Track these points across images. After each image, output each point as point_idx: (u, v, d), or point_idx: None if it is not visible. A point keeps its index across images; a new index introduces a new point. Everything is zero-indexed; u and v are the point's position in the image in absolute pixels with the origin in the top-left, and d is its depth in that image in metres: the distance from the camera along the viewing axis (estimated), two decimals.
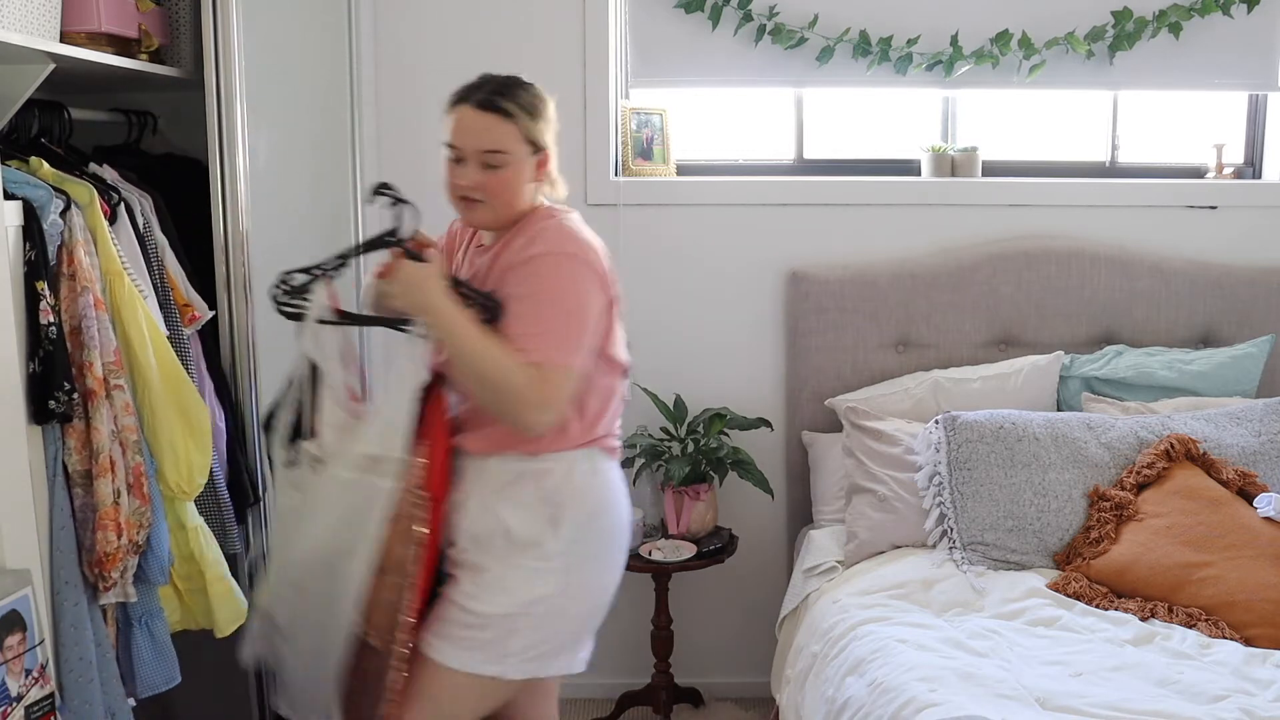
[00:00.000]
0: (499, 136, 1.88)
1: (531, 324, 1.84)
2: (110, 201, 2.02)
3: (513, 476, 1.92)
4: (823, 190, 3.10)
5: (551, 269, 1.87)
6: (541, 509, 1.91)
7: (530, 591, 1.90)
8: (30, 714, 1.68)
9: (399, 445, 1.84)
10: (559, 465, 1.93)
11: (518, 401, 1.81)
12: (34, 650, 1.69)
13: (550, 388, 1.82)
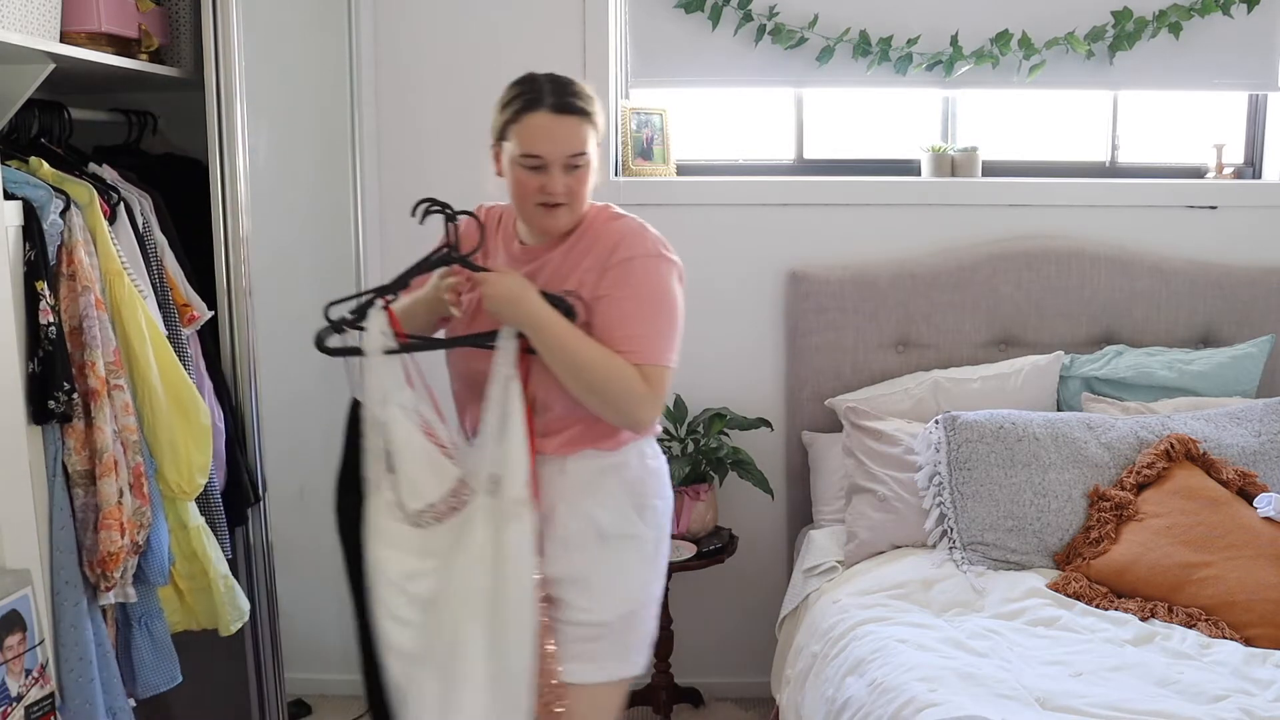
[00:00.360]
0: (583, 138, 1.85)
1: (636, 326, 1.83)
2: (110, 201, 2.01)
3: (595, 473, 1.91)
4: (823, 190, 3.10)
5: (651, 271, 1.87)
6: (628, 500, 1.93)
7: (638, 583, 1.94)
8: (30, 714, 1.68)
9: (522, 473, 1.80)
10: (632, 455, 1.94)
11: (632, 401, 1.80)
12: (34, 650, 1.69)
13: (658, 386, 1.82)
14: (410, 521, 1.82)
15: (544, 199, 1.85)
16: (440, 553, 1.81)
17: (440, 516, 1.83)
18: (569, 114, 1.84)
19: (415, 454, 1.82)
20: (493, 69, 3.02)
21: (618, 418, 1.84)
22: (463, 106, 3.05)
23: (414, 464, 1.82)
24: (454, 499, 1.83)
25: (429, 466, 1.83)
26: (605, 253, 1.88)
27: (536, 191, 1.85)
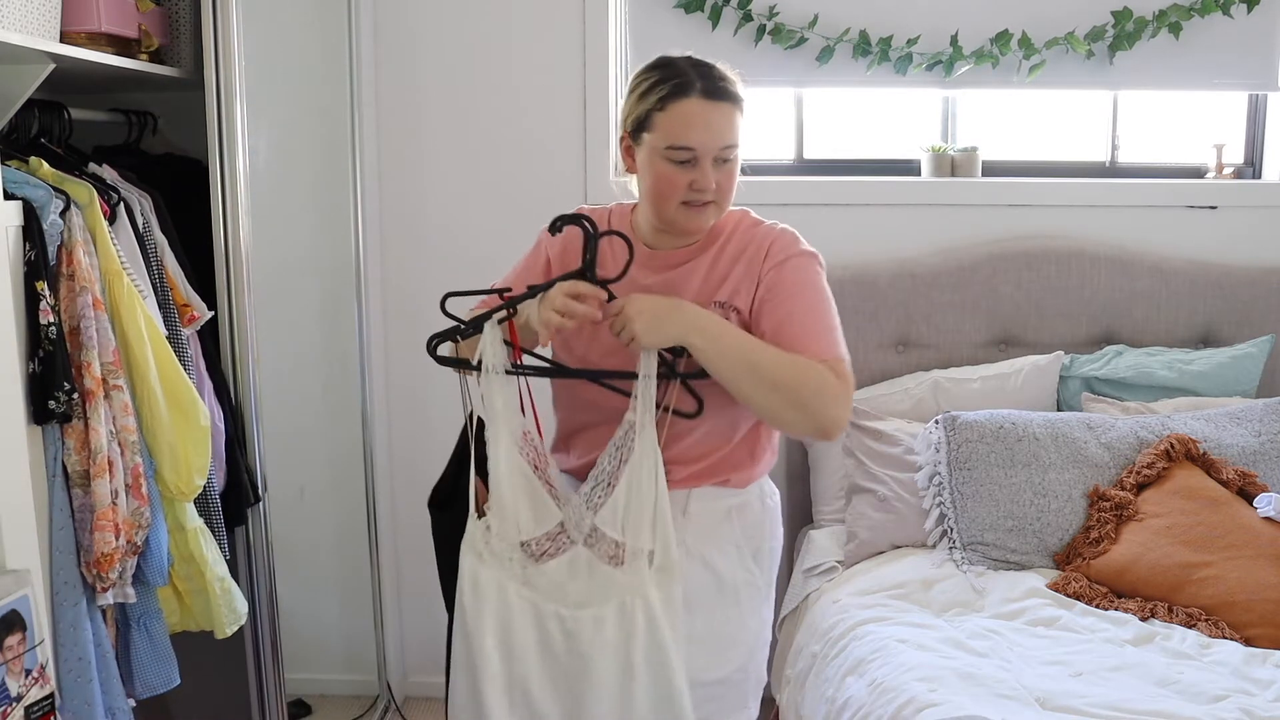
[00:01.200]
0: (736, 128, 1.70)
1: (812, 322, 1.69)
2: (110, 201, 2.01)
3: (719, 517, 1.81)
4: (823, 190, 3.10)
5: (807, 269, 1.75)
6: (746, 545, 1.84)
7: (753, 632, 1.87)
8: (30, 714, 1.68)
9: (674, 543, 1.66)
10: (752, 497, 1.85)
11: (827, 399, 1.63)
12: (34, 650, 1.69)
13: (848, 381, 1.66)
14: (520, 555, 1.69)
15: (693, 196, 1.70)
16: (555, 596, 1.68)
17: (537, 556, 1.69)
18: (722, 100, 1.67)
19: (518, 485, 1.68)
20: (493, 69, 3.04)
21: (809, 421, 1.65)
22: (463, 106, 3.05)
23: (514, 495, 1.68)
24: (551, 543, 1.70)
25: (530, 501, 1.69)
26: (759, 258, 1.76)
27: (685, 188, 1.69)
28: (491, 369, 1.65)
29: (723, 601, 1.81)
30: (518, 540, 1.69)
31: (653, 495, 1.65)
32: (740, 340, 1.65)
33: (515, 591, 1.68)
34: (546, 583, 1.69)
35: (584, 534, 1.68)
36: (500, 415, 1.67)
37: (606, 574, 1.67)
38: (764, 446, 1.87)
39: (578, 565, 1.69)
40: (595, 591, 1.67)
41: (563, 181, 3.07)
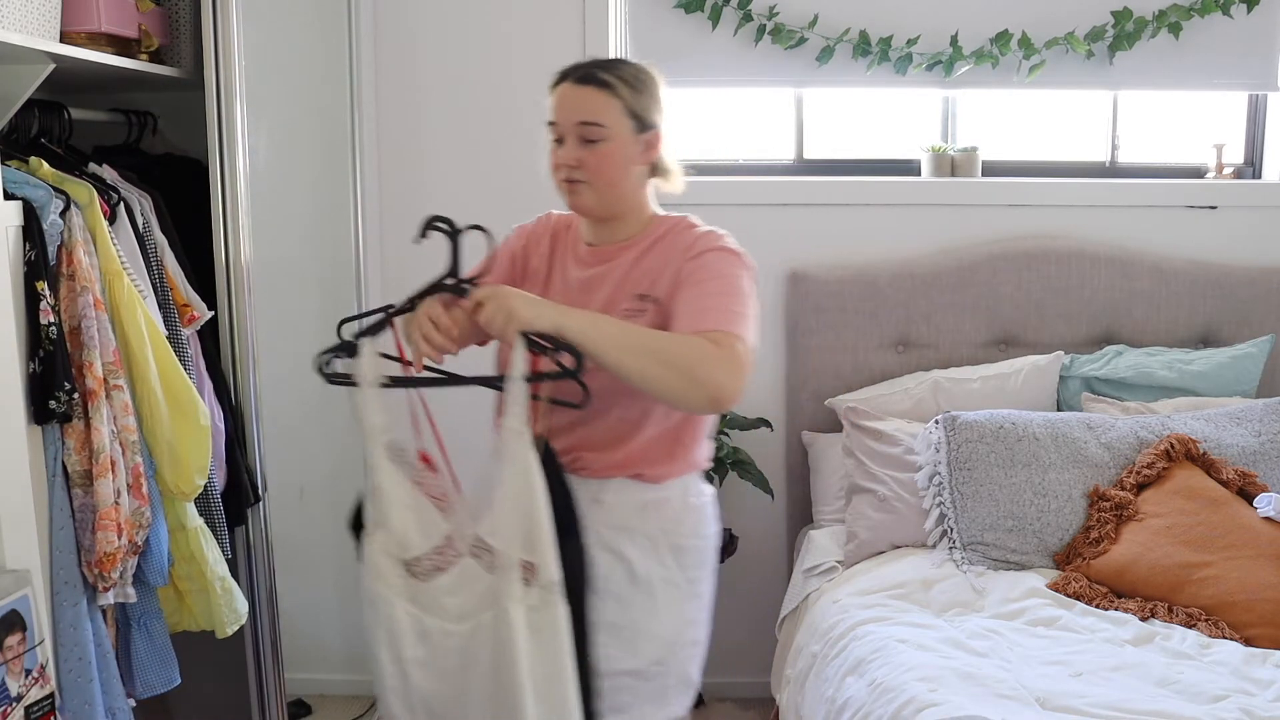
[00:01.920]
0: (596, 107, 1.75)
1: (712, 303, 1.71)
2: (110, 201, 2.01)
3: (632, 509, 1.81)
4: (823, 190, 3.10)
5: (723, 261, 1.79)
6: (663, 540, 1.82)
7: (672, 628, 1.84)
8: (30, 714, 1.68)
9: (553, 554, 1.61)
10: (674, 492, 1.84)
11: (705, 364, 1.61)
12: (34, 650, 1.69)
13: (731, 350, 1.65)
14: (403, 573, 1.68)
15: (561, 173, 1.78)
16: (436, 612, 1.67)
17: (426, 573, 1.67)
18: (587, 84, 1.76)
19: (402, 501, 1.67)
20: (493, 69, 3.04)
21: (696, 390, 1.62)
22: (463, 106, 3.05)
23: (400, 511, 1.67)
24: (439, 556, 1.67)
25: (415, 517, 1.68)
26: (680, 254, 1.80)
27: (556, 166, 1.79)
28: (366, 384, 1.65)
29: (636, 593, 1.81)
30: (401, 559, 1.67)
31: (528, 505, 1.61)
32: (615, 321, 1.68)
33: (403, 609, 1.68)
34: (430, 599, 1.68)
35: (469, 545, 1.66)
36: (376, 431, 1.66)
37: (487, 584, 1.64)
38: (686, 445, 1.84)
39: (465, 577, 1.66)
40: (474, 603, 1.65)
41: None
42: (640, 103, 1.79)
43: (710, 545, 1.91)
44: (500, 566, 1.62)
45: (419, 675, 1.68)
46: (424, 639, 1.68)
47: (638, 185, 1.84)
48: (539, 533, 1.60)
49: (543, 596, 1.61)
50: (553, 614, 1.62)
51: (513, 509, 1.61)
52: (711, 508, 1.93)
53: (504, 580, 1.61)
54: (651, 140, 1.81)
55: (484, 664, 1.64)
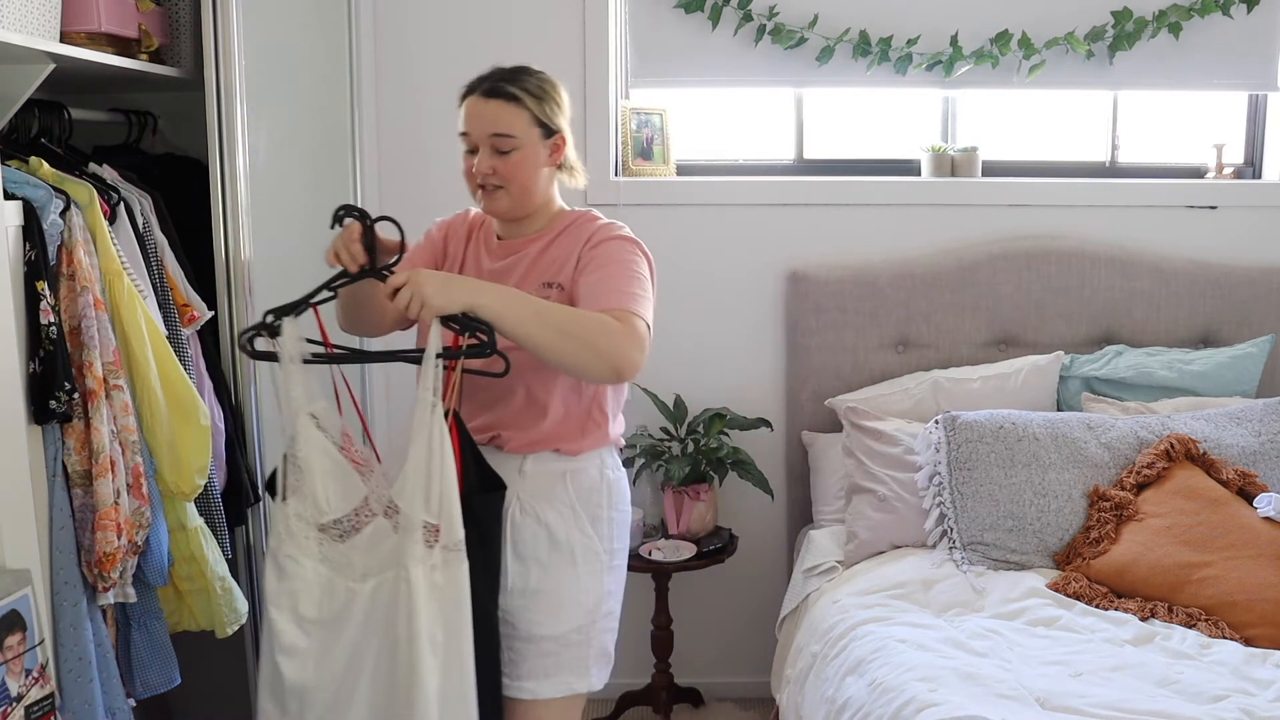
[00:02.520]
0: (507, 120, 1.90)
1: (610, 285, 1.83)
2: (110, 201, 2.01)
3: (553, 478, 1.92)
4: (823, 190, 3.10)
5: (621, 249, 1.90)
6: (582, 509, 1.93)
7: (593, 595, 1.94)
8: (30, 714, 1.68)
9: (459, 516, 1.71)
10: (591, 464, 1.95)
11: (609, 337, 1.74)
12: (34, 650, 1.69)
13: (632, 327, 1.78)
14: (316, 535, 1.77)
15: (477, 181, 1.93)
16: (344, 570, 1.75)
17: (344, 534, 1.77)
18: (494, 97, 1.91)
19: (324, 468, 1.77)
20: None
21: (601, 361, 1.73)
22: None
23: (321, 478, 1.77)
24: (356, 517, 1.77)
25: (337, 481, 1.77)
26: (582, 243, 1.92)
27: (470, 174, 1.94)
28: (288, 359, 1.77)
29: (558, 559, 1.91)
30: (317, 522, 1.77)
31: (437, 470, 1.71)
32: (525, 297, 1.78)
33: (312, 569, 1.76)
34: (340, 557, 1.77)
35: (384, 506, 1.76)
36: (299, 402, 1.77)
37: (391, 544, 1.74)
38: (597, 420, 1.95)
39: (375, 536, 1.76)
40: (379, 562, 1.74)
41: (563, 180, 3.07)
42: (545, 111, 1.93)
43: (626, 520, 2.02)
44: (405, 528, 1.72)
45: (320, 635, 1.76)
46: (330, 596, 1.76)
47: (546, 186, 1.99)
48: (444, 496, 1.71)
49: (444, 557, 1.71)
50: (454, 573, 1.71)
51: (419, 473, 1.71)
52: (626, 482, 2.04)
53: (408, 541, 1.71)
54: (558, 143, 1.97)
55: (382, 623, 1.72)
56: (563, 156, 1.99)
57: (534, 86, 1.93)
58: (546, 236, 1.97)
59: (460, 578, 1.72)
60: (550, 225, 1.99)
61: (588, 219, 1.99)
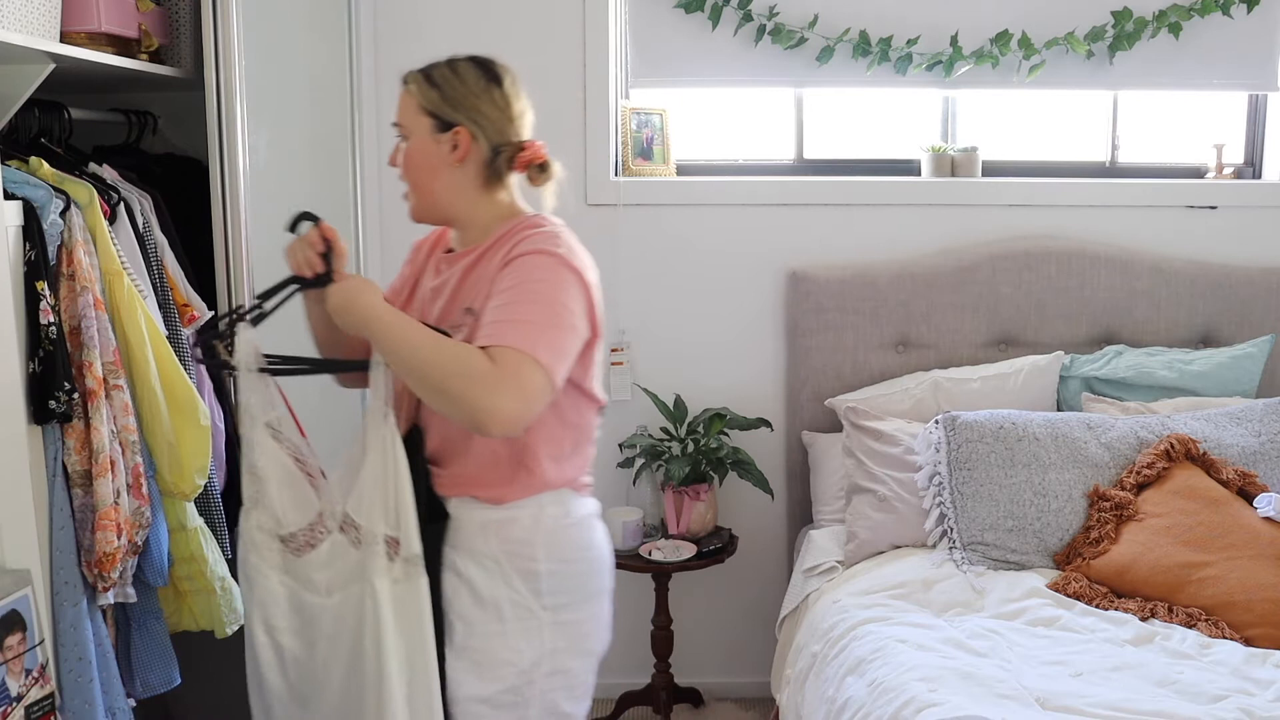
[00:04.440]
0: (399, 108, 1.78)
1: (502, 313, 1.61)
2: (110, 201, 2.01)
3: (473, 529, 1.72)
4: (823, 190, 3.10)
5: (535, 266, 1.65)
6: (509, 563, 1.72)
7: (528, 654, 1.73)
8: (30, 714, 1.68)
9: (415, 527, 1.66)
10: (524, 513, 1.73)
11: (470, 382, 1.54)
12: (34, 650, 1.69)
13: (509, 370, 1.55)
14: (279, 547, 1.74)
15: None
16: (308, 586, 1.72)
17: (299, 548, 1.72)
18: (402, 85, 1.79)
19: (280, 479, 1.72)
20: None
21: (456, 408, 1.56)
22: None
23: (278, 489, 1.72)
24: (311, 533, 1.72)
25: (292, 494, 1.72)
26: (500, 260, 1.70)
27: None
28: (245, 368, 1.73)
29: (483, 616, 1.72)
30: (277, 534, 1.73)
31: (391, 481, 1.66)
32: (405, 330, 1.62)
33: (278, 580, 1.73)
34: (302, 573, 1.73)
35: (338, 521, 1.70)
36: (256, 411, 1.73)
37: (355, 559, 1.69)
38: (529, 465, 1.72)
39: (334, 552, 1.71)
40: (343, 577, 1.70)
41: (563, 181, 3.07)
42: (435, 99, 1.74)
43: (580, 567, 1.78)
44: (366, 542, 1.67)
45: (291, 643, 1.73)
46: (297, 611, 1.73)
47: (460, 189, 1.76)
48: (401, 509, 1.66)
49: (405, 569, 1.66)
50: (415, 586, 1.66)
51: (375, 486, 1.66)
52: (584, 528, 1.79)
53: (370, 555, 1.66)
54: (458, 140, 1.73)
55: (350, 637, 1.68)
56: (467, 156, 1.74)
57: (437, 74, 1.75)
58: (477, 251, 1.76)
59: (421, 590, 1.66)
60: (487, 238, 1.76)
61: (520, 229, 1.73)
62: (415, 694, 1.67)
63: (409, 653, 1.66)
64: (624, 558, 2.87)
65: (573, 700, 1.81)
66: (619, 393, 3.12)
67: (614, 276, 3.10)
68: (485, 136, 1.74)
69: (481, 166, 1.75)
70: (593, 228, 3.08)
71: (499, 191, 1.78)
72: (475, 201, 1.77)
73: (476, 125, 1.74)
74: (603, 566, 1.83)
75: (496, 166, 1.76)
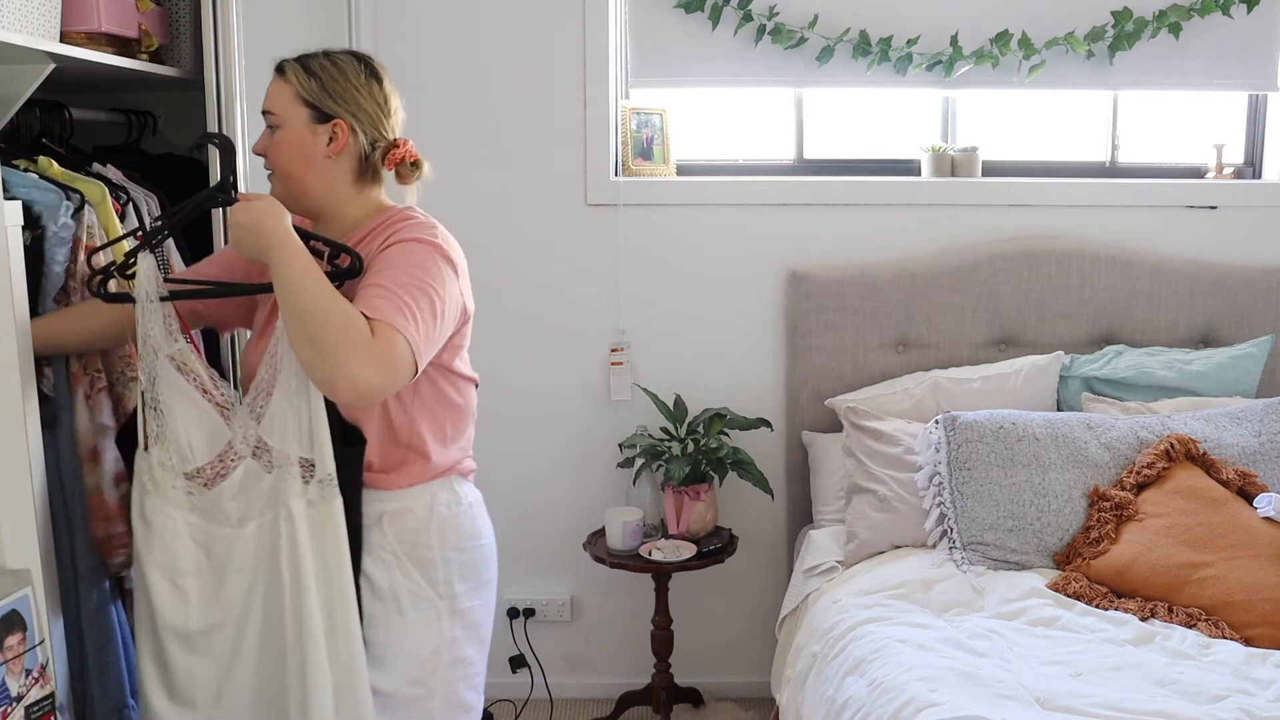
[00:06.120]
0: (272, 95, 1.75)
1: (384, 290, 1.61)
2: (120, 201, 2.03)
3: (370, 520, 1.74)
4: (823, 190, 3.10)
5: (411, 252, 1.67)
6: (405, 554, 1.75)
7: (428, 644, 1.76)
8: (30, 714, 1.68)
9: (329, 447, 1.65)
10: (418, 502, 1.76)
11: (345, 345, 1.52)
12: (34, 650, 1.69)
13: (385, 345, 1.55)
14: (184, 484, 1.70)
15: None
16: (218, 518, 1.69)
17: (209, 480, 1.70)
18: (276, 73, 1.76)
19: (186, 412, 1.69)
20: (493, 69, 3.04)
21: (322, 364, 1.53)
22: (463, 107, 3.06)
23: (184, 422, 1.69)
24: (222, 463, 1.70)
25: (200, 427, 1.69)
26: (381, 243, 1.72)
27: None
28: (145, 298, 1.69)
29: (383, 610, 1.74)
30: (182, 470, 1.70)
31: (304, 403, 1.65)
32: (310, 266, 1.60)
33: (183, 519, 1.70)
34: (212, 506, 1.70)
35: (251, 446, 1.69)
36: (158, 343, 1.69)
37: (267, 484, 1.68)
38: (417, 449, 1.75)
39: (247, 480, 1.69)
40: (257, 504, 1.68)
41: (563, 181, 3.08)
42: (314, 90, 1.73)
43: (474, 554, 1.82)
44: (279, 465, 1.66)
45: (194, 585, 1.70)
46: (204, 548, 1.70)
47: (332, 181, 1.76)
48: (315, 430, 1.65)
49: (321, 491, 1.66)
50: (331, 508, 1.66)
51: (288, 408, 1.66)
52: (474, 516, 1.83)
53: (284, 477, 1.66)
54: (336, 133, 1.74)
55: (266, 565, 1.67)
56: (344, 149, 1.74)
57: (315, 64, 1.74)
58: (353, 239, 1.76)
59: (337, 513, 1.66)
60: (357, 231, 1.77)
61: (394, 220, 1.75)
62: (334, 622, 1.67)
63: (327, 577, 1.66)
64: (624, 558, 2.87)
65: (472, 690, 1.84)
66: (619, 393, 3.12)
67: (614, 276, 3.10)
68: (363, 131, 1.76)
69: (356, 161, 1.77)
70: (593, 228, 3.10)
71: (370, 188, 1.80)
72: (346, 195, 1.78)
73: (355, 119, 1.75)
74: (491, 555, 1.87)
75: (373, 162, 1.78)
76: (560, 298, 3.12)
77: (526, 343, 3.13)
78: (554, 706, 3.20)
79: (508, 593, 3.23)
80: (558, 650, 3.25)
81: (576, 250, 3.10)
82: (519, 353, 3.14)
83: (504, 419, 3.13)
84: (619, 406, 3.13)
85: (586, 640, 3.26)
